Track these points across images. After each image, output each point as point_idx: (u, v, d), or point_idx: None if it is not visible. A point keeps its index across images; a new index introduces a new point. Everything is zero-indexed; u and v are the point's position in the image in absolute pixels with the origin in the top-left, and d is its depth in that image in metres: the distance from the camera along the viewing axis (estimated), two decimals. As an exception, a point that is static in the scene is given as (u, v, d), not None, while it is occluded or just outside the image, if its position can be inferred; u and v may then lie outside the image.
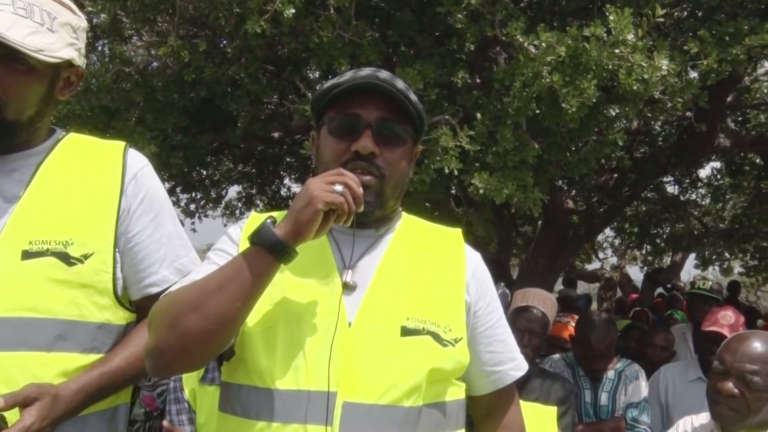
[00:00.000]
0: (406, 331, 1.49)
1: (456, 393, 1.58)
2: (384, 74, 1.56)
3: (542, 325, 3.43)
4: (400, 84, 1.56)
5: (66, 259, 1.59)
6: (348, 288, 1.52)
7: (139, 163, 1.76)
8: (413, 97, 1.58)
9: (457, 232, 1.74)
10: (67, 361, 1.60)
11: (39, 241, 1.58)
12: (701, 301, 5.27)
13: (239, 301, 1.39)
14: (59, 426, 1.56)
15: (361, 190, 1.42)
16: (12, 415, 1.48)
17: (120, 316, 1.71)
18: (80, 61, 1.71)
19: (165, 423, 2.87)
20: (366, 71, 1.57)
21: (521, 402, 2.44)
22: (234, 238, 1.60)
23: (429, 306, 1.54)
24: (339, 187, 1.39)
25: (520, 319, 3.37)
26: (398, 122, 1.55)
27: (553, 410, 2.43)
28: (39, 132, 1.72)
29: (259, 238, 1.40)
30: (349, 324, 1.47)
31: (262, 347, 1.46)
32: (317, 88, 4.91)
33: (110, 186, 1.69)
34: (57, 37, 1.61)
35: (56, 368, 1.59)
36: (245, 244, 1.52)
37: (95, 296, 1.63)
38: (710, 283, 5.44)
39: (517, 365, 1.73)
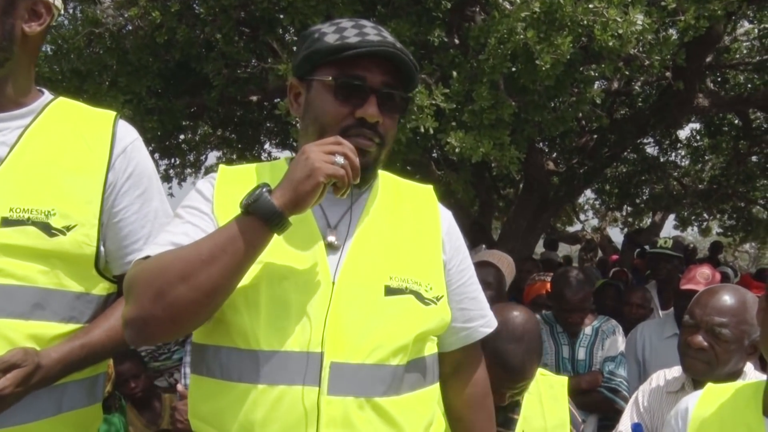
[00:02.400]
0: (389, 291, 1.47)
1: (432, 348, 1.59)
2: (390, 37, 1.50)
3: (495, 278, 3.45)
4: (409, 55, 1.52)
5: (47, 229, 1.56)
6: (331, 247, 1.49)
7: (129, 136, 1.72)
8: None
9: (428, 188, 1.72)
10: (44, 329, 1.58)
11: (20, 209, 1.54)
12: (663, 259, 5.32)
13: (231, 273, 1.34)
14: (39, 394, 1.55)
15: (358, 162, 1.38)
16: None
17: (100, 287, 1.69)
18: None
19: (179, 387, 2.89)
20: (370, 30, 1.50)
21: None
22: (206, 195, 1.54)
23: (410, 265, 1.53)
24: (340, 159, 1.35)
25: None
26: (399, 88, 1.51)
27: (564, 380, 2.44)
28: (23, 85, 1.65)
29: (256, 208, 1.34)
30: (333, 284, 1.45)
31: (245, 308, 1.42)
32: (293, 49, 4.87)
33: (98, 158, 1.65)
34: None
35: (34, 336, 1.57)
36: (221, 203, 1.50)
37: (76, 267, 1.61)
38: (671, 241, 5.49)
39: (486, 322, 1.73)
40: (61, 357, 1.56)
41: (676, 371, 2.61)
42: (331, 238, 1.50)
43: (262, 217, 1.34)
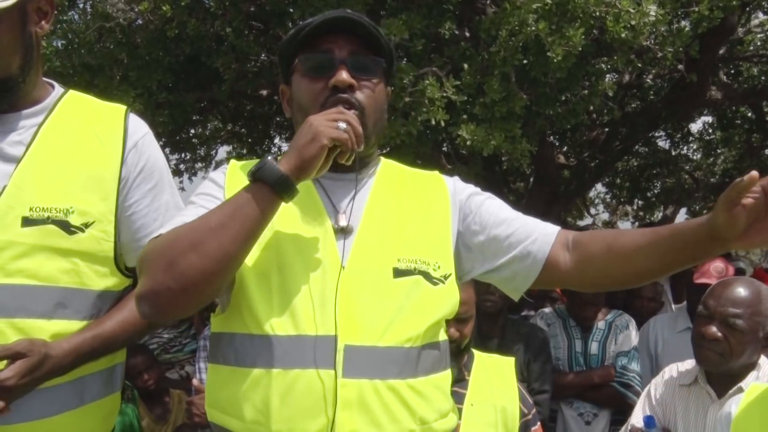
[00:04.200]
0: (398, 273, 1.49)
1: (444, 334, 1.60)
2: (355, 15, 1.54)
3: None
4: (367, 20, 1.55)
5: (66, 227, 1.57)
6: (342, 232, 1.51)
7: (141, 130, 1.74)
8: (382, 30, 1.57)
9: (436, 174, 1.72)
10: (67, 328, 1.60)
11: (40, 208, 1.56)
12: None
13: (240, 239, 1.36)
14: (61, 387, 1.58)
15: (361, 129, 1.41)
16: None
17: (118, 283, 1.72)
18: None
19: (195, 381, 2.91)
20: (332, 12, 1.56)
21: (481, 354, 2.49)
22: (219, 182, 1.57)
23: (417, 245, 1.54)
24: (343, 125, 1.39)
25: None
26: (371, 55, 1.54)
27: (511, 360, 2.49)
28: (35, 82, 1.66)
29: (262, 174, 1.37)
30: (343, 268, 1.47)
31: (258, 294, 1.44)
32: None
33: (111, 153, 1.67)
34: None
35: (57, 335, 1.59)
36: (231, 189, 1.51)
37: (95, 264, 1.63)
38: None
39: (545, 228, 1.60)
40: (72, 347, 1.57)
41: (689, 364, 2.61)
42: (341, 223, 1.52)
43: (268, 183, 1.36)
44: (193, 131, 7.84)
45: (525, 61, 3.96)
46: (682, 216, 12.38)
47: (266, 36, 5.57)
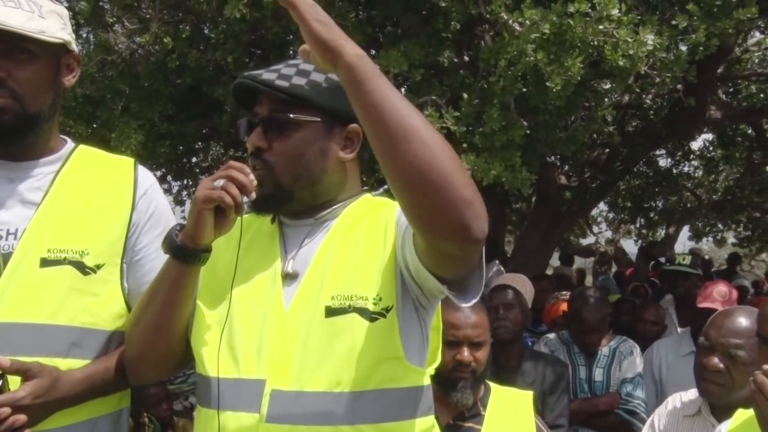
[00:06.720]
0: (330, 312, 1.46)
1: (411, 379, 1.51)
2: (269, 72, 1.56)
3: (515, 298, 3.45)
4: (286, 71, 1.55)
5: (82, 268, 1.64)
6: (289, 277, 1.53)
7: (149, 179, 1.83)
8: (296, 81, 1.54)
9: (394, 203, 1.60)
10: (79, 366, 1.63)
11: (57, 249, 1.62)
12: (682, 276, 5.30)
13: (166, 308, 1.52)
14: (73, 427, 1.62)
15: (249, 179, 1.43)
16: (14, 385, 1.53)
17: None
18: (75, 47, 1.76)
19: None
20: (242, 76, 1.59)
21: (498, 387, 2.46)
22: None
23: (357, 280, 1.49)
24: (219, 182, 1.42)
25: (493, 298, 3.46)
26: (290, 110, 1.52)
27: (529, 394, 2.45)
28: (54, 131, 1.76)
29: (165, 247, 1.51)
30: (285, 313, 1.50)
31: (207, 339, 1.53)
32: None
33: (122, 200, 1.75)
34: (49, 22, 1.66)
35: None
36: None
37: (108, 305, 1.68)
38: (689, 258, 5.47)
39: None
40: (85, 376, 1.61)
41: (692, 394, 2.59)
42: (290, 269, 1.54)
43: (170, 254, 1.49)
44: (195, 159, 7.88)
45: (524, 90, 3.97)
46: (685, 233, 12.39)
47: (267, 65, 5.60)
